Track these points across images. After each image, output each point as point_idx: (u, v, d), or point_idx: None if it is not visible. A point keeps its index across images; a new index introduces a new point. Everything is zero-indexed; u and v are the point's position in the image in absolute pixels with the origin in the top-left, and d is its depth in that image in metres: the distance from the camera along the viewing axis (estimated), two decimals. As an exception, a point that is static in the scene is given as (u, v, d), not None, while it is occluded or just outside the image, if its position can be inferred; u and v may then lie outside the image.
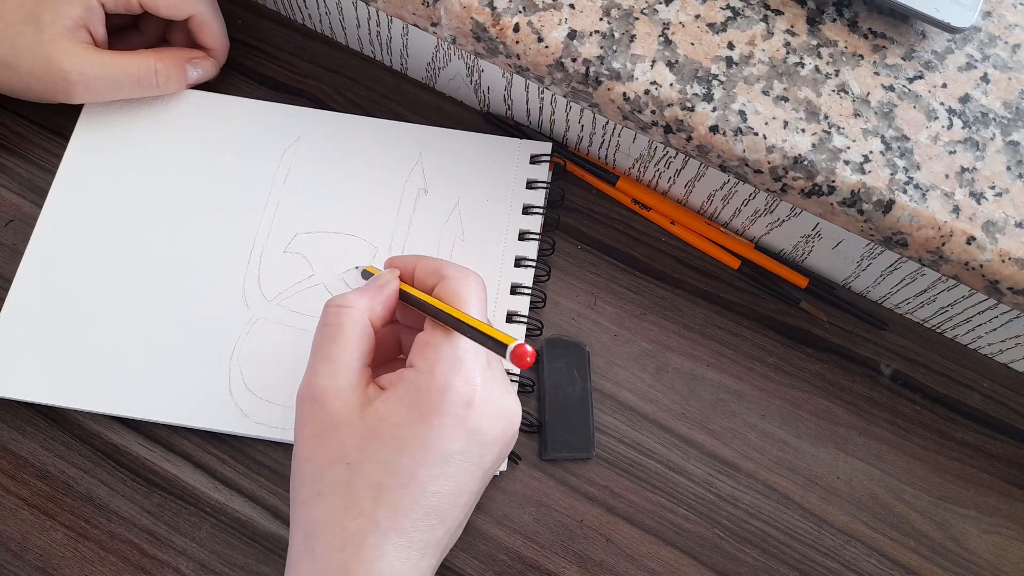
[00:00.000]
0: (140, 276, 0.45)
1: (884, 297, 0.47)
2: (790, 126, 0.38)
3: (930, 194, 0.37)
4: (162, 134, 0.48)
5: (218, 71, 0.50)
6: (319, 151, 0.48)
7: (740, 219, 0.48)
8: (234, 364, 0.44)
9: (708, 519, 0.43)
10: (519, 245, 0.47)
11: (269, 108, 0.49)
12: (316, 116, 0.49)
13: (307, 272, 0.46)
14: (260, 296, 0.45)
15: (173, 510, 0.42)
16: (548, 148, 0.49)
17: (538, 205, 0.48)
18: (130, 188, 0.47)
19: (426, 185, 0.48)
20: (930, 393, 0.46)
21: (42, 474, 0.43)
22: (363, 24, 0.49)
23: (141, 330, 0.44)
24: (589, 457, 0.44)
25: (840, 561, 0.43)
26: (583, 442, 0.44)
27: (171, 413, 0.43)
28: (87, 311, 0.44)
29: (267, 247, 0.46)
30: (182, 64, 0.48)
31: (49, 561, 0.41)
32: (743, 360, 0.46)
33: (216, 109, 0.49)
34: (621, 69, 0.39)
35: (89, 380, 0.43)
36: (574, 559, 0.42)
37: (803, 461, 0.44)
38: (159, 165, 0.48)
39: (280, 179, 0.48)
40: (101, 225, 0.46)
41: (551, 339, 0.46)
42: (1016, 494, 0.44)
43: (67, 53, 0.43)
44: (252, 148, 0.48)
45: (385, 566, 0.34)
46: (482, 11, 0.40)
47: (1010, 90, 0.39)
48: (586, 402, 0.44)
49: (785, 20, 0.40)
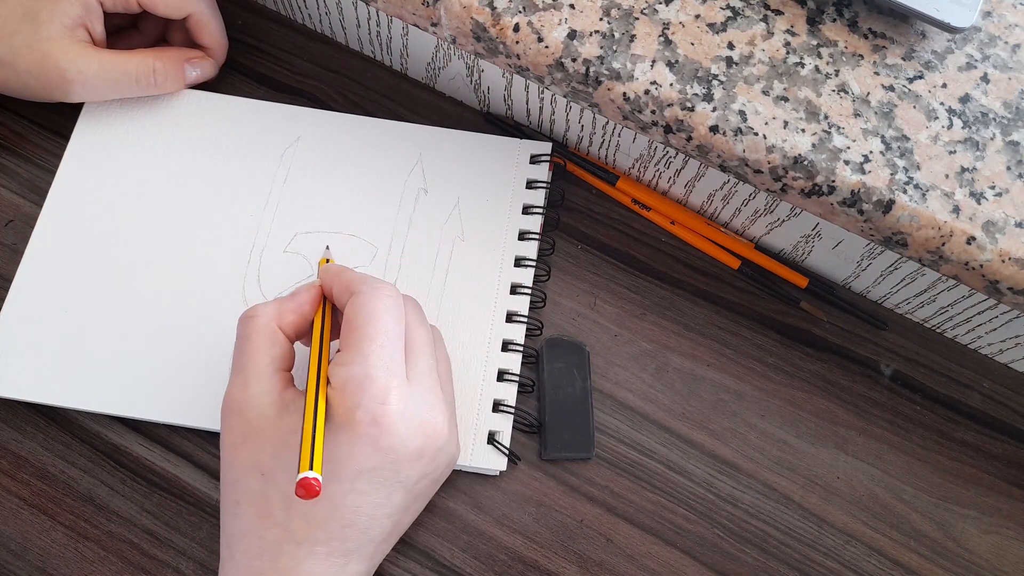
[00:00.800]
0: (140, 276, 0.45)
1: (884, 297, 0.47)
2: (790, 126, 0.38)
3: (930, 194, 0.37)
4: (162, 134, 0.48)
5: (217, 71, 0.50)
6: (319, 151, 0.48)
7: (740, 219, 0.48)
8: None
9: (708, 519, 0.43)
10: (519, 245, 0.47)
11: (269, 108, 0.49)
12: (316, 116, 0.49)
13: (307, 272, 0.46)
14: (260, 296, 0.45)
15: (173, 510, 0.42)
16: (548, 148, 0.49)
17: (538, 205, 0.48)
18: (130, 188, 0.47)
19: (426, 185, 0.48)
20: (930, 393, 0.46)
21: (42, 474, 0.43)
22: (363, 24, 0.49)
23: (141, 330, 0.44)
24: (589, 457, 0.44)
25: (840, 561, 0.43)
26: (583, 442, 0.44)
27: (171, 413, 0.43)
28: (87, 311, 0.44)
29: (267, 247, 0.46)
30: (180, 64, 0.47)
31: (49, 561, 0.41)
32: (743, 360, 0.46)
33: (216, 109, 0.49)
34: (621, 69, 0.39)
35: (89, 380, 0.43)
36: (574, 559, 0.42)
37: (803, 461, 0.44)
38: (159, 165, 0.48)
39: (280, 179, 0.48)
40: (101, 225, 0.46)
41: (551, 339, 0.46)
42: (1016, 494, 0.44)
43: (64, 51, 0.43)
44: (252, 148, 0.48)
45: (304, 573, 0.34)
46: (482, 11, 0.40)
47: (1010, 90, 0.39)
48: (586, 402, 0.44)
49: (785, 20, 0.40)
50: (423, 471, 0.37)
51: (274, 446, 0.35)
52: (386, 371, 0.35)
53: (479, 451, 0.43)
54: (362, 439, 0.34)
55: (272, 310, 0.38)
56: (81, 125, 0.48)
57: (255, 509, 0.35)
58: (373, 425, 0.34)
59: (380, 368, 0.35)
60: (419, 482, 0.37)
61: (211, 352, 0.44)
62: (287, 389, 0.37)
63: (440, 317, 0.45)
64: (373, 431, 0.34)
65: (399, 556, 0.42)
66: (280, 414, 0.36)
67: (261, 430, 0.36)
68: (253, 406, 0.36)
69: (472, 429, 0.43)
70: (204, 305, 0.45)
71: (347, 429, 0.34)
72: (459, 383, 0.44)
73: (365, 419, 0.34)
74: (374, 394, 0.35)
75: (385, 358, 0.35)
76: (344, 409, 0.35)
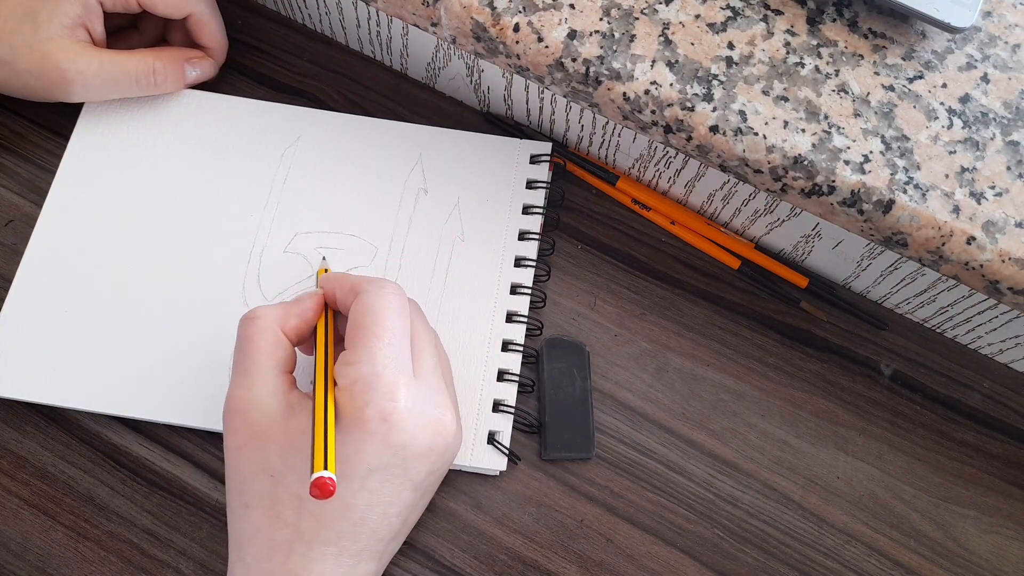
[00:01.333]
0: (140, 276, 0.45)
1: (884, 297, 0.47)
2: (790, 126, 0.38)
3: (930, 194, 0.37)
4: (162, 134, 0.48)
5: (217, 71, 0.50)
6: (319, 151, 0.48)
7: (740, 219, 0.48)
8: None
9: (708, 519, 0.43)
10: (519, 245, 0.47)
11: (269, 108, 0.49)
12: (316, 116, 0.49)
13: (307, 272, 0.46)
14: (260, 296, 0.45)
15: (173, 510, 0.42)
16: (548, 148, 0.49)
17: (538, 205, 0.48)
18: (130, 188, 0.47)
19: (426, 185, 0.48)
20: (930, 393, 0.46)
21: (42, 474, 0.43)
22: (363, 24, 0.49)
23: (141, 330, 0.44)
24: (589, 457, 0.44)
25: (840, 561, 0.43)
26: (583, 442, 0.44)
27: (171, 413, 0.43)
28: (87, 311, 0.44)
29: (267, 247, 0.46)
30: (180, 64, 0.47)
31: (49, 561, 0.41)
32: (743, 360, 0.46)
33: (216, 109, 0.49)
34: (621, 69, 0.39)
35: (89, 380, 0.43)
36: (574, 559, 0.42)
37: (803, 461, 0.44)
38: (159, 165, 0.48)
39: (280, 179, 0.48)
40: (101, 225, 0.46)
41: (551, 339, 0.46)
42: (1016, 494, 0.44)
43: (64, 51, 0.43)
44: (252, 148, 0.48)
45: (314, 574, 0.34)
46: (482, 11, 0.40)
47: (1010, 90, 0.39)
48: (586, 402, 0.44)
49: (785, 20, 0.40)
50: (431, 467, 0.37)
51: (282, 448, 0.35)
52: (394, 368, 0.35)
53: (479, 451, 0.43)
54: (372, 436, 0.34)
55: (276, 313, 0.38)
56: (81, 125, 0.48)
57: (264, 511, 0.35)
58: (383, 422, 0.34)
59: (388, 366, 0.35)
60: (427, 479, 0.37)
61: (211, 352, 0.44)
62: (292, 391, 0.37)
63: (440, 317, 0.45)
64: (383, 428, 0.34)
65: (399, 556, 0.42)
66: (286, 416, 0.36)
67: (268, 432, 0.35)
68: (259, 408, 0.36)
69: (472, 429, 0.43)
70: (204, 305, 0.45)
71: (357, 427, 0.34)
72: (459, 383, 0.44)
73: (375, 416, 0.34)
74: (383, 391, 0.35)
75: (392, 356, 0.36)
76: (353, 408, 0.35)
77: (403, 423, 0.35)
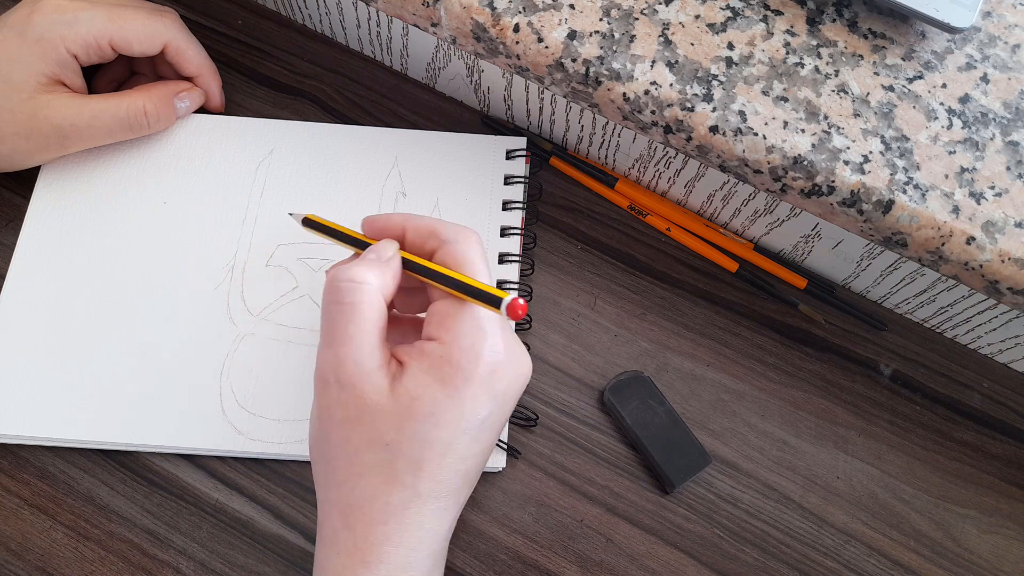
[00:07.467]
0: (122, 300, 0.45)
1: (884, 297, 0.47)
2: (790, 126, 0.38)
3: (930, 194, 0.37)
4: (135, 156, 0.48)
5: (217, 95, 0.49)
6: (293, 162, 0.48)
7: (740, 219, 0.48)
8: (224, 382, 0.43)
9: (708, 519, 0.43)
10: (501, 241, 0.47)
11: (240, 123, 0.49)
12: (287, 127, 0.49)
13: (291, 284, 0.46)
14: (245, 311, 0.45)
15: (173, 510, 0.42)
16: (523, 143, 0.49)
17: (517, 200, 0.48)
18: (106, 212, 0.46)
19: (404, 188, 0.48)
20: (930, 393, 0.46)
21: (42, 474, 0.43)
22: (363, 24, 0.49)
23: (127, 355, 0.44)
24: (709, 463, 0.43)
25: (840, 561, 0.43)
26: (697, 457, 0.43)
27: (164, 438, 0.42)
28: (70, 340, 0.44)
29: (248, 262, 0.46)
30: (170, 100, 0.47)
31: (49, 561, 0.41)
32: (743, 360, 0.46)
33: (188, 127, 0.49)
34: (621, 69, 0.39)
35: (76, 413, 0.42)
36: (574, 559, 0.42)
37: (803, 461, 0.44)
38: (135, 186, 0.47)
39: (256, 193, 0.47)
40: (79, 250, 0.46)
41: (612, 386, 0.45)
42: (1016, 494, 0.44)
43: (51, 106, 0.43)
44: (226, 164, 0.48)
45: (426, 530, 0.35)
46: (482, 11, 0.40)
47: (1010, 90, 0.39)
48: (678, 421, 0.44)
49: (785, 20, 0.40)
50: (513, 408, 0.38)
51: (396, 418, 0.35)
52: (490, 319, 0.36)
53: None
54: (484, 389, 0.35)
55: (379, 279, 0.36)
56: None
57: (381, 478, 0.35)
58: (492, 374, 0.35)
59: (487, 318, 0.36)
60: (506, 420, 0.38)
61: (200, 372, 0.43)
62: (392, 360, 0.36)
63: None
64: (491, 380, 0.35)
65: (399, 556, 0.42)
66: (393, 387, 0.35)
67: (380, 405, 0.35)
68: (369, 381, 0.35)
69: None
70: (190, 325, 0.44)
71: (469, 384, 0.35)
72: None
73: (486, 370, 0.35)
74: (491, 344, 0.35)
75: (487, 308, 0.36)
76: (465, 361, 0.35)
77: (504, 373, 0.36)
